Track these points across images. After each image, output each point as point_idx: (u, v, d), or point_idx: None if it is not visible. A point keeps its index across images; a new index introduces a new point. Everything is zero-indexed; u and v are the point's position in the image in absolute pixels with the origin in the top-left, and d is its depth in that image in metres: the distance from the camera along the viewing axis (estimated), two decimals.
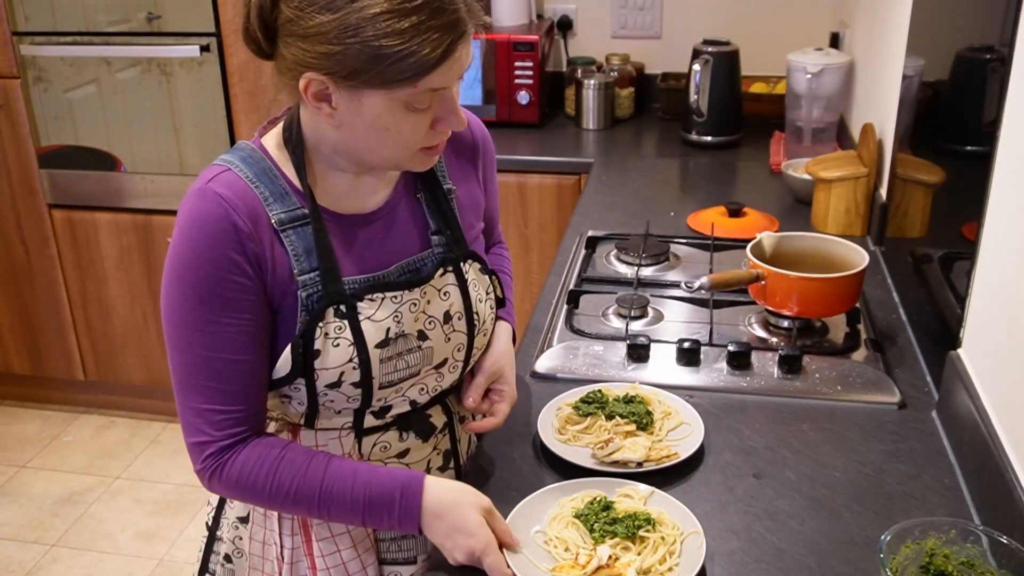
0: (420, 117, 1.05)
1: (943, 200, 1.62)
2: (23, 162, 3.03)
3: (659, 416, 1.36)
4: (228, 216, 1.05)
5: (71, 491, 3.01)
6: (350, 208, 1.15)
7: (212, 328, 1.06)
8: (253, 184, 1.09)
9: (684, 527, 1.13)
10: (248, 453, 1.10)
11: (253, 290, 1.07)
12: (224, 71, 2.83)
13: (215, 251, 1.05)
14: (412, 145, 1.08)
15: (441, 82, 1.02)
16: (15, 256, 3.17)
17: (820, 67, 2.37)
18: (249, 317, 1.08)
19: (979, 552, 0.98)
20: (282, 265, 1.09)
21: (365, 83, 1.00)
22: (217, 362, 1.07)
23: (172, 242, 1.07)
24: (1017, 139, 1.21)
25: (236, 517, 1.27)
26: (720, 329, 1.66)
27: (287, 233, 1.09)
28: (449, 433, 1.30)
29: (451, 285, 1.20)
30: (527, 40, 2.82)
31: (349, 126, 1.05)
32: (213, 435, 1.09)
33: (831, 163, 2.10)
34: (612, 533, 1.11)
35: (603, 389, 1.41)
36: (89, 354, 3.28)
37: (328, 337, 1.10)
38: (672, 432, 1.34)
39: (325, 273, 1.10)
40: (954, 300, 1.42)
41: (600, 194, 2.41)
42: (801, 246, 1.67)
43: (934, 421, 1.40)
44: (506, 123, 2.91)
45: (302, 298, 1.10)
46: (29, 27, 2.88)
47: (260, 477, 1.10)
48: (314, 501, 1.10)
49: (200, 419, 1.09)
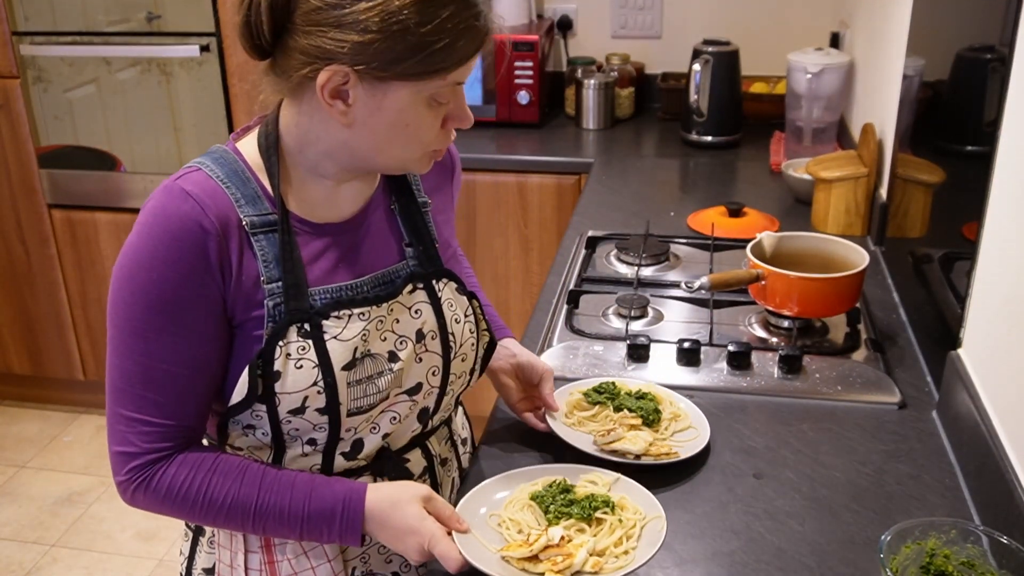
0: (437, 113, 1.04)
1: (943, 200, 1.61)
2: (23, 162, 3.03)
3: (667, 416, 1.35)
4: (194, 216, 0.99)
5: (71, 491, 3.01)
6: (325, 216, 1.11)
7: (156, 336, 1.00)
8: (224, 184, 1.04)
9: (647, 512, 1.11)
10: (180, 461, 1.04)
11: (210, 300, 1.01)
12: (224, 71, 2.83)
13: (174, 254, 0.99)
14: (426, 144, 1.06)
15: (466, 75, 1.02)
16: (15, 256, 3.17)
17: (820, 67, 2.37)
18: (200, 330, 1.02)
19: (979, 552, 0.98)
20: (249, 271, 1.03)
21: (399, 74, 0.97)
22: (156, 372, 1.01)
23: (129, 238, 1.01)
24: (1017, 139, 1.21)
25: (203, 568, 1.21)
26: (720, 329, 1.66)
27: (258, 238, 1.04)
28: (430, 477, 1.23)
29: (422, 303, 1.14)
30: (527, 40, 2.82)
31: (363, 124, 1.01)
32: (140, 447, 1.03)
33: (831, 163, 2.10)
34: (568, 515, 1.08)
35: (616, 382, 1.40)
36: (89, 354, 3.27)
37: (290, 358, 1.03)
38: (678, 434, 1.34)
39: (289, 288, 1.04)
40: (954, 300, 1.42)
41: (600, 194, 2.41)
42: (801, 246, 1.67)
43: (934, 421, 1.40)
44: (506, 123, 2.91)
45: (268, 307, 1.04)
46: (29, 27, 2.88)
47: (192, 488, 1.04)
48: (248, 514, 1.04)
49: (129, 429, 1.03)
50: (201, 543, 1.22)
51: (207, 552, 1.20)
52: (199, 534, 1.22)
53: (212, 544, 1.19)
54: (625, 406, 1.34)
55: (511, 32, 2.88)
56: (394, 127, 1.02)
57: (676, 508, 1.21)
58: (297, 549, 1.14)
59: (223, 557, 1.17)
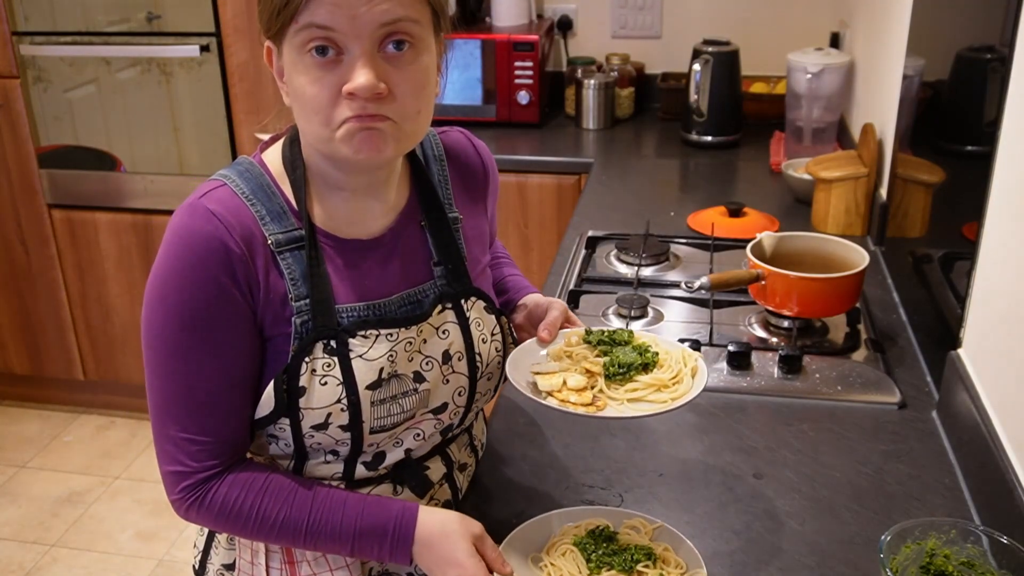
0: (321, 75, 0.95)
1: (943, 200, 1.61)
2: (23, 162, 3.03)
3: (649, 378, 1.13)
4: (219, 236, 0.98)
5: (71, 491, 3.01)
6: (351, 233, 1.08)
7: (196, 356, 1.00)
8: (249, 201, 1.02)
9: (689, 565, 1.08)
10: (232, 481, 1.04)
11: (242, 317, 1.01)
12: (224, 71, 2.83)
13: (202, 274, 0.98)
14: (327, 115, 0.96)
15: (324, 18, 0.92)
16: (15, 256, 3.17)
17: (820, 67, 2.37)
18: (236, 346, 1.01)
19: (979, 552, 0.98)
20: (277, 289, 1.02)
21: (267, 30, 0.97)
22: (199, 392, 1.01)
23: (157, 258, 1.01)
24: (1017, 139, 1.21)
25: (222, 564, 1.19)
26: (720, 329, 1.66)
27: (284, 255, 1.02)
28: (449, 483, 1.21)
29: (450, 323, 1.12)
30: (527, 40, 2.82)
31: (292, 103, 1.00)
32: (191, 465, 1.03)
33: (831, 163, 2.10)
34: (609, 565, 1.06)
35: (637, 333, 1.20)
36: (89, 354, 3.27)
37: (315, 374, 1.03)
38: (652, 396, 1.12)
39: (317, 304, 1.03)
40: (954, 300, 1.42)
41: (600, 194, 2.41)
42: (801, 246, 1.67)
43: (934, 421, 1.40)
44: (506, 123, 2.91)
45: (296, 325, 1.02)
46: (29, 27, 2.88)
47: (245, 506, 1.03)
48: (300, 531, 1.04)
49: (176, 448, 1.03)
50: (218, 539, 1.21)
51: (226, 548, 1.19)
52: (207, 555, 1.21)
53: (232, 541, 1.18)
54: (611, 353, 1.16)
55: (511, 32, 2.88)
56: (297, 98, 0.98)
57: (676, 508, 1.21)
58: (317, 553, 1.13)
59: (244, 554, 1.16)
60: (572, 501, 1.22)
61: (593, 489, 1.25)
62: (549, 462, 1.31)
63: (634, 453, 1.33)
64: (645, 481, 1.26)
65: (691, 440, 1.36)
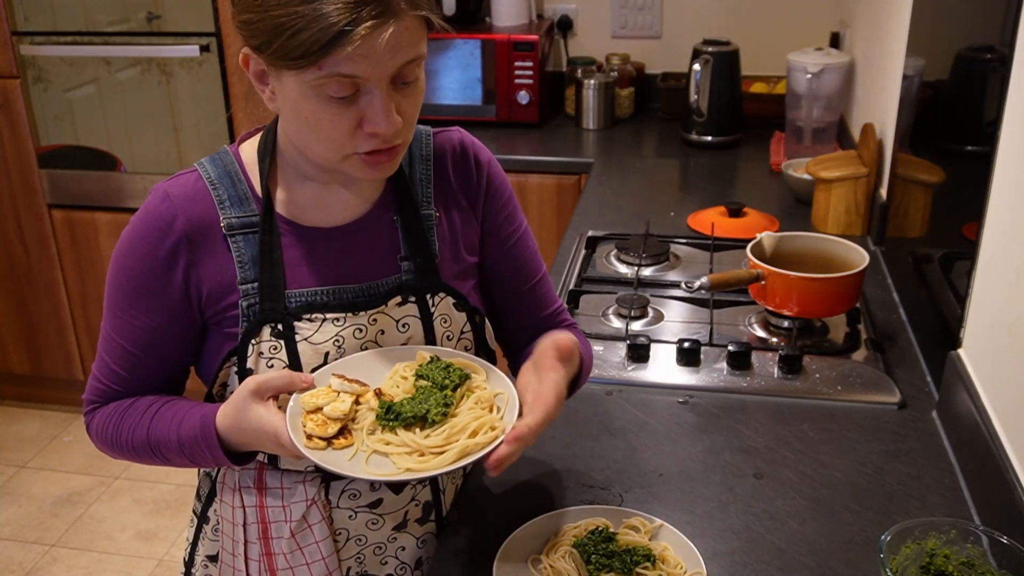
0: (340, 111, 0.96)
1: (943, 200, 1.61)
2: (23, 162, 3.03)
3: (413, 437, 1.00)
4: (167, 217, 1.06)
5: (71, 491, 3.01)
6: (314, 220, 1.11)
7: (121, 314, 1.09)
8: (212, 186, 1.08)
9: (688, 567, 1.08)
10: (104, 409, 1.14)
11: (171, 295, 1.07)
12: (224, 71, 2.83)
13: (143, 247, 1.06)
14: (338, 143, 0.99)
15: (352, 68, 0.93)
16: (15, 256, 3.17)
17: (820, 67, 2.37)
18: (157, 319, 1.09)
19: (979, 552, 0.98)
20: (225, 271, 1.07)
21: (274, 59, 0.95)
22: (114, 345, 1.11)
23: None
24: (1017, 139, 1.21)
25: (206, 555, 1.23)
26: (720, 329, 1.66)
27: (235, 239, 1.07)
28: (431, 483, 1.19)
29: (411, 317, 1.12)
30: (527, 40, 2.82)
31: (284, 112, 1.02)
32: (93, 399, 1.15)
33: (831, 163, 2.10)
34: (608, 567, 1.06)
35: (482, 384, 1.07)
36: (89, 354, 3.27)
37: (262, 356, 1.07)
38: (386, 448, 1.00)
39: (265, 288, 1.07)
40: (954, 300, 1.42)
41: (600, 194, 2.41)
42: (801, 246, 1.67)
43: (934, 421, 1.40)
44: (506, 123, 2.91)
45: (243, 307, 1.07)
46: (29, 27, 2.88)
47: (109, 431, 1.13)
48: (147, 449, 1.11)
49: (93, 380, 1.15)
50: (205, 530, 1.24)
51: (211, 539, 1.22)
52: (203, 522, 1.24)
53: (216, 532, 1.21)
54: (416, 395, 1.03)
55: (511, 32, 2.88)
56: (297, 119, 1.00)
57: (676, 508, 1.21)
58: (292, 544, 1.14)
59: (226, 545, 1.19)
60: (572, 501, 1.22)
61: (593, 489, 1.25)
62: (549, 462, 1.31)
63: (634, 453, 1.33)
64: (645, 481, 1.26)
65: (691, 440, 1.36)
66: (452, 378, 1.05)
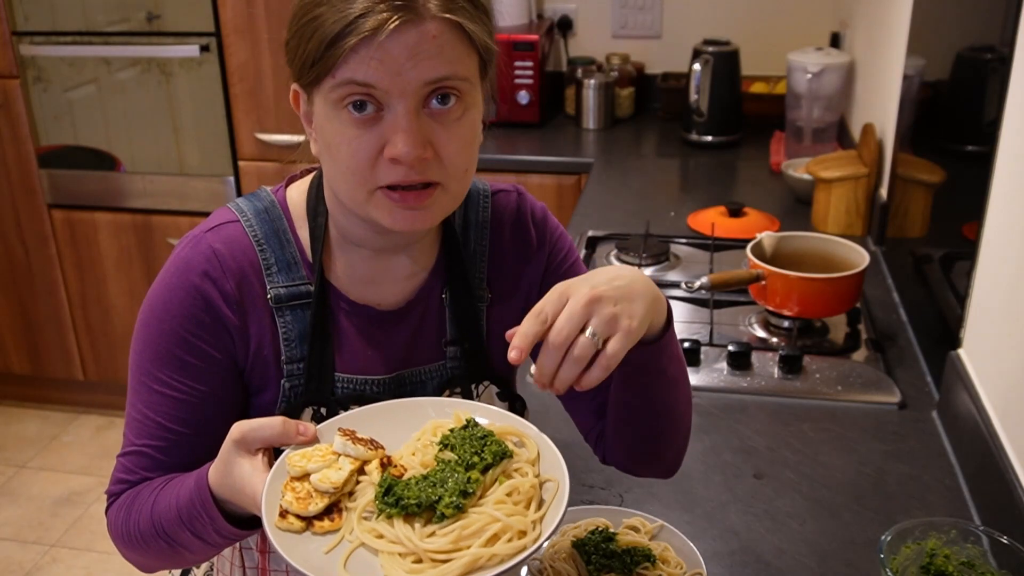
0: (360, 132, 0.87)
1: (943, 200, 1.61)
2: (23, 162, 3.03)
3: (409, 532, 0.79)
4: (213, 275, 0.94)
5: (71, 491, 3.01)
6: (366, 296, 1.00)
7: (159, 387, 0.95)
8: (259, 246, 0.96)
9: (688, 567, 1.06)
10: (120, 497, 0.98)
11: (218, 363, 0.96)
12: (224, 71, 2.83)
13: (187, 309, 0.94)
14: (360, 174, 0.88)
15: (365, 74, 0.84)
16: (15, 256, 3.17)
17: (820, 67, 2.37)
18: (203, 389, 0.96)
19: (979, 552, 0.98)
20: (268, 346, 0.96)
21: (301, 75, 0.89)
22: (149, 425, 0.96)
23: (155, 280, 0.97)
24: (1017, 139, 1.21)
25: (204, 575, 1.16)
26: (720, 329, 1.66)
27: (283, 312, 0.96)
28: None
29: None
30: (527, 40, 2.82)
31: (319, 151, 0.92)
32: (119, 492, 0.99)
33: (831, 163, 2.10)
34: (608, 567, 1.05)
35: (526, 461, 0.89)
36: (89, 354, 3.27)
37: None
38: (377, 542, 0.79)
39: (312, 369, 0.97)
40: (954, 300, 1.42)
41: (600, 194, 2.41)
42: (801, 246, 1.67)
43: (934, 421, 1.40)
44: (506, 123, 2.91)
45: (284, 388, 0.97)
46: (29, 27, 2.88)
47: (120, 519, 0.97)
48: (156, 534, 0.94)
49: (120, 471, 0.98)
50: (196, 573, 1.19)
51: None
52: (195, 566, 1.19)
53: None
54: (434, 474, 0.83)
55: (511, 32, 2.88)
56: (326, 150, 0.90)
57: (676, 508, 1.21)
58: None
59: (224, 552, 1.13)
60: (572, 501, 1.21)
61: (593, 489, 1.25)
62: None
63: None
64: (645, 481, 1.26)
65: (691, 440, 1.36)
66: (485, 455, 0.83)
